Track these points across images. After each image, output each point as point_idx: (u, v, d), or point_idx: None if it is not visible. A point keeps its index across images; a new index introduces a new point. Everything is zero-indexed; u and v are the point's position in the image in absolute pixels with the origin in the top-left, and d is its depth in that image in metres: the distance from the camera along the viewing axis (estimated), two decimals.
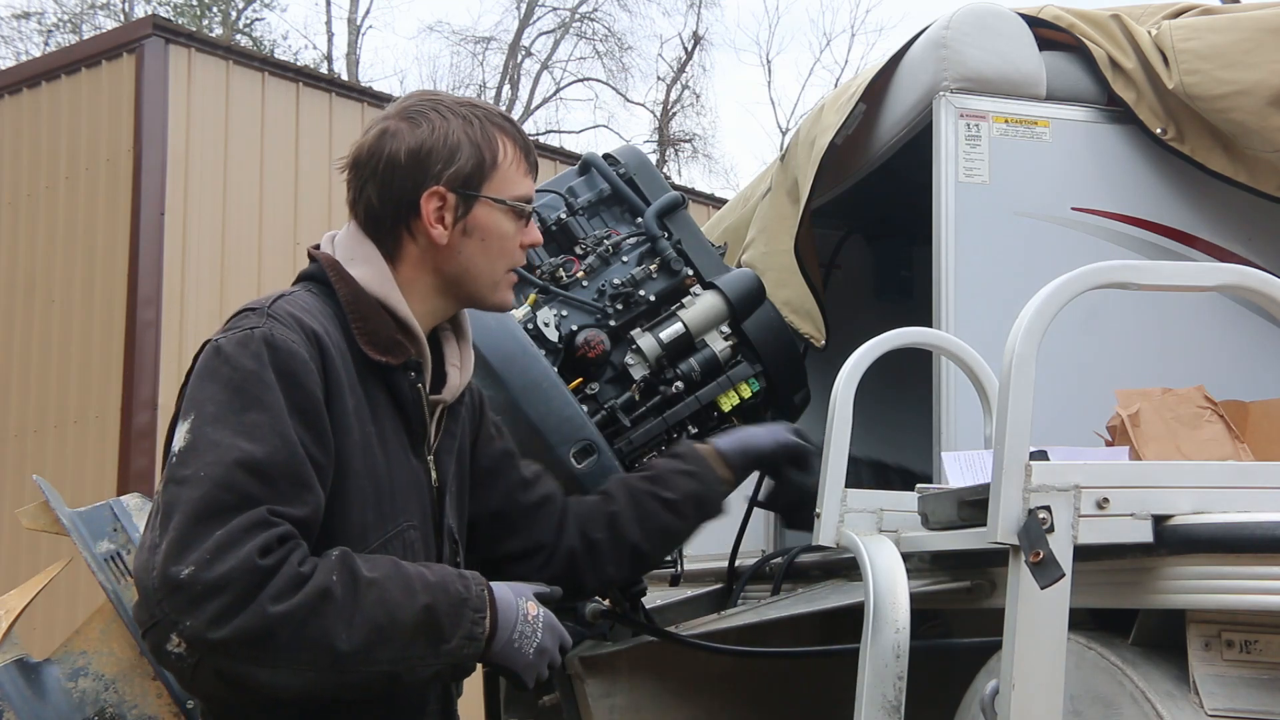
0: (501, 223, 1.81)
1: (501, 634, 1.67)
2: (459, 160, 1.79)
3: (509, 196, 1.81)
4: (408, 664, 1.59)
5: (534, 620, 1.71)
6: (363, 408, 1.72)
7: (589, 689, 2.86)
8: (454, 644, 1.62)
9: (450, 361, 1.88)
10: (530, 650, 1.70)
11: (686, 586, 3.43)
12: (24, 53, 20.35)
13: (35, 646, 2.93)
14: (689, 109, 24.50)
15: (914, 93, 3.19)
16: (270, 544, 1.52)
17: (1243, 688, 1.78)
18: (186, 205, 7.34)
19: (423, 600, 1.60)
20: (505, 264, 1.85)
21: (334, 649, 1.53)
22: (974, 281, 3.01)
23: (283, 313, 1.69)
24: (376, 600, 1.57)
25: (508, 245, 1.83)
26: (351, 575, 1.57)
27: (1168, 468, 1.95)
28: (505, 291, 1.87)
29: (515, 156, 1.83)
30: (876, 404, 2.89)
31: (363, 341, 1.74)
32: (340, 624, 1.54)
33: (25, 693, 2.85)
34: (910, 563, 2.32)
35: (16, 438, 7.50)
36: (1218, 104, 2.99)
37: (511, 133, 1.84)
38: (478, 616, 1.64)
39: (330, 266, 1.80)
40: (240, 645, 1.50)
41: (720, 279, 2.75)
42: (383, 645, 1.56)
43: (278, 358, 1.62)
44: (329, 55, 22.33)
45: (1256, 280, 1.92)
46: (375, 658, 1.56)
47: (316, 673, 1.53)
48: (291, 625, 1.51)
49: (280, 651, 1.51)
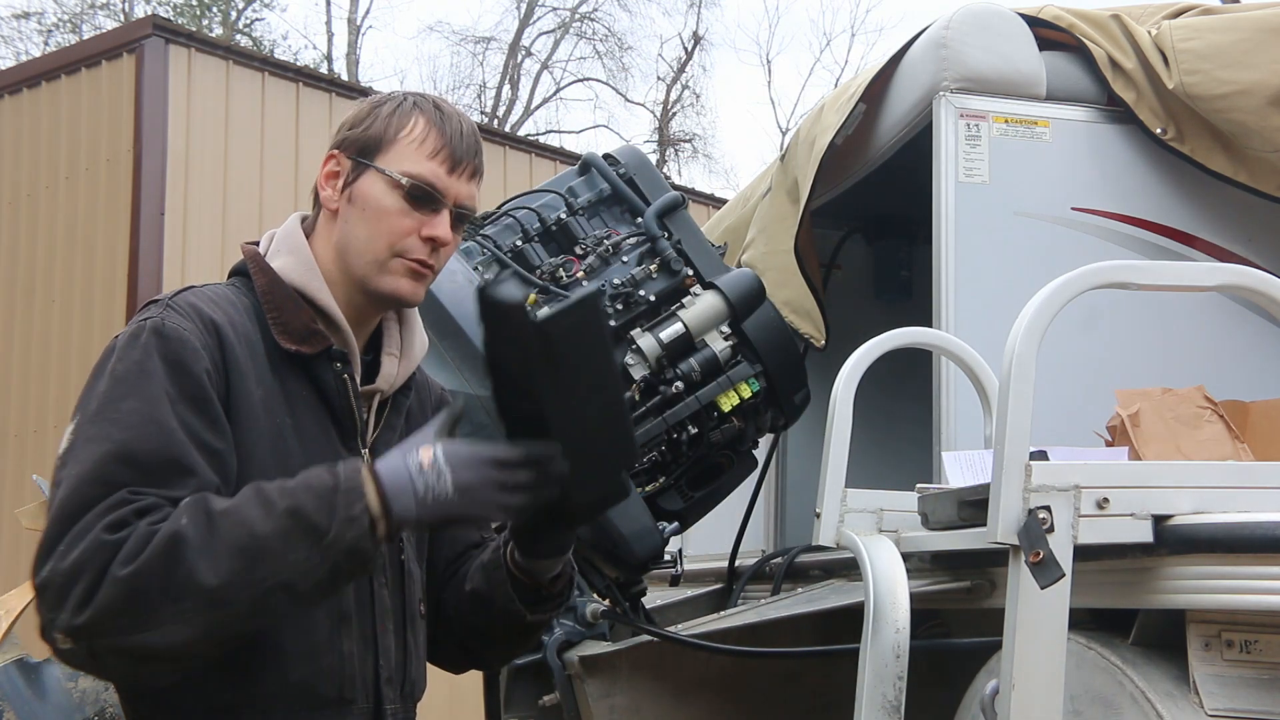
0: (384, 195, 1.74)
1: (398, 501, 1.55)
2: (360, 127, 1.78)
3: (400, 170, 1.74)
4: (294, 571, 1.51)
5: (433, 466, 1.56)
6: (275, 399, 1.69)
7: (589, 689, 2.86)
8: (334, 533, 1.52)
9: (387, 350, 1.83)
10: (449, 495, 1.55)
11: (686, 586, 3.44)
12: (24, 53, 20.35)
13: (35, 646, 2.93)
14: (689, 109, 24.52)
15: (914, 93, 3.19)
16: (123, 519, 1.50)
17: (1243, 688, 1.78)
18: (186, 205, 7.33)
19: (283, 505, 1.52)
20: (386, 243, 1.75)
21: (203, 586, 1.47)
22: (974, 281, 3.01)
23: (183, 303, 1.68)
24: (233, 524, 1.50)
25: (389, 223, 1.74)
26: (204, 512, 1.51)
27: (1168, 468, 1.95)
28: (394, 278, 1.75)
29: (423, 136, 1.76)
30: (876, 404, 2.89)
31: (276, 331, 1.72)
32: (201, 560, 1.48)
33: (25, 692, 2.85)
34: (910, 563, 2.33)
35: (16, 438, 7.49)
36: (1218, 104, 2.99)
37: (433, 117, 1.77)
38: (351, 498, 1.54)
39: (252, 259, 1.80)
40: (111, 618, 1.47)
41: (720, 279, 2.75)
42: (256, 564, 1.49)
43: (166, 345, 1.61)
44: (329, 55, 22.33)
45: (1256, 280, 1.92)
46: (253, 579, 1.49)
47: (203, 615, 1.48)
48: (150, 580, 1.47)
49: (154, 610, 1.47)
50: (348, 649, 1.70)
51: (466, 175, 1.79)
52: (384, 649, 1.76)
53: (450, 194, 1.77)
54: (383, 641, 1.76)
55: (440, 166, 1.76)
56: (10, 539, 7.20)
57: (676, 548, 3.03)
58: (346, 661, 1.70)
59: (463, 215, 1.80)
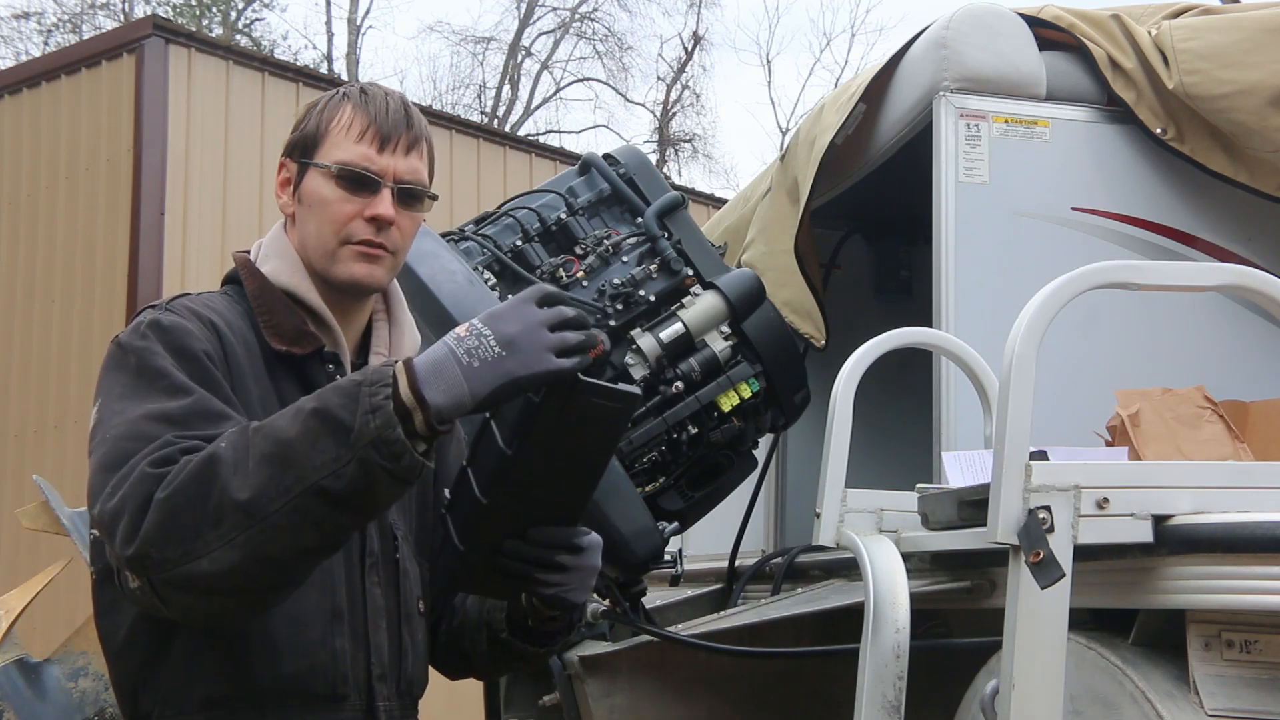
0: (321, 187, 1.76)
1: (435, 382, 1.47)
2: (299, 129, 1.80)
3: (331, 160, 1.75)
4: (323, 472, 1.45)
5: (471, 329, 1.49)
6: (270, 399, 1.70)
7: (589, 689, 2.86)
8: (358, 425, 1.46)
9: (375, 350, 1.84)
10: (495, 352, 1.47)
11: (686, 586, 3.43)
12: (24, 53, 20.36)
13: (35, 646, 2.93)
14: (689, 109, 24.52)
15: (914, 93, 3.19)
16: (168, 456, 1.50)
17: (1243, 688, 1.78)
18: (186, 205, 7.33)
19: (309, 407, 1.49)
20: (332, 231, 1.75)
21: (237, 501, 1.45)
22: (974, 281, 3.01)
23: (179, 306, 1.71)
24: (263, 437, 1.49)
25: (330, 211, 1.75)
26: (242, 432, 1.51)
27: (1168, 468, 1.95)
28: (347, 264, 1.75)
29: (350, 122, 1.76)
30: (876, 404, 2.89)
31: (268, 333, 1.74)
32: (233, 476, 1.46)
33: (25, 692, 2.85)
34: (910, 563, 2.33)
35: (16, 438, 7.50)
36: (1218, 104, 2.99)
37: (358, 102, 1.77)
38: (377, 388, 1.47)
39: (242, 266, 1.83)
40: (155, 547, 1.46)
41: (720, 279, 2.75)
42: (283, 471, 1.46)
43: (168, 336, 1.64)
44: (329, 55, 22.33)
45: (1256, 280, 1.92)
46: (283, 486, 1.46)
47: (244, 533, 1.45)
48: (186, 502, 1.46)
49: (194, 534, 1.45)
50: (339, 646, 1.70)
51: (401, 150, 1.76)
52: (376, 646, 1.75)
53: (387, 172, 1.75)
54: (375, 639, 1.75)
55: (369, 147, 1.75)
56: (10, 539, 7.20)
57: (676, 548, 3.03)
58: (338, 658, 1.70)
59: (409, 191, 1.77)
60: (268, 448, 1.49)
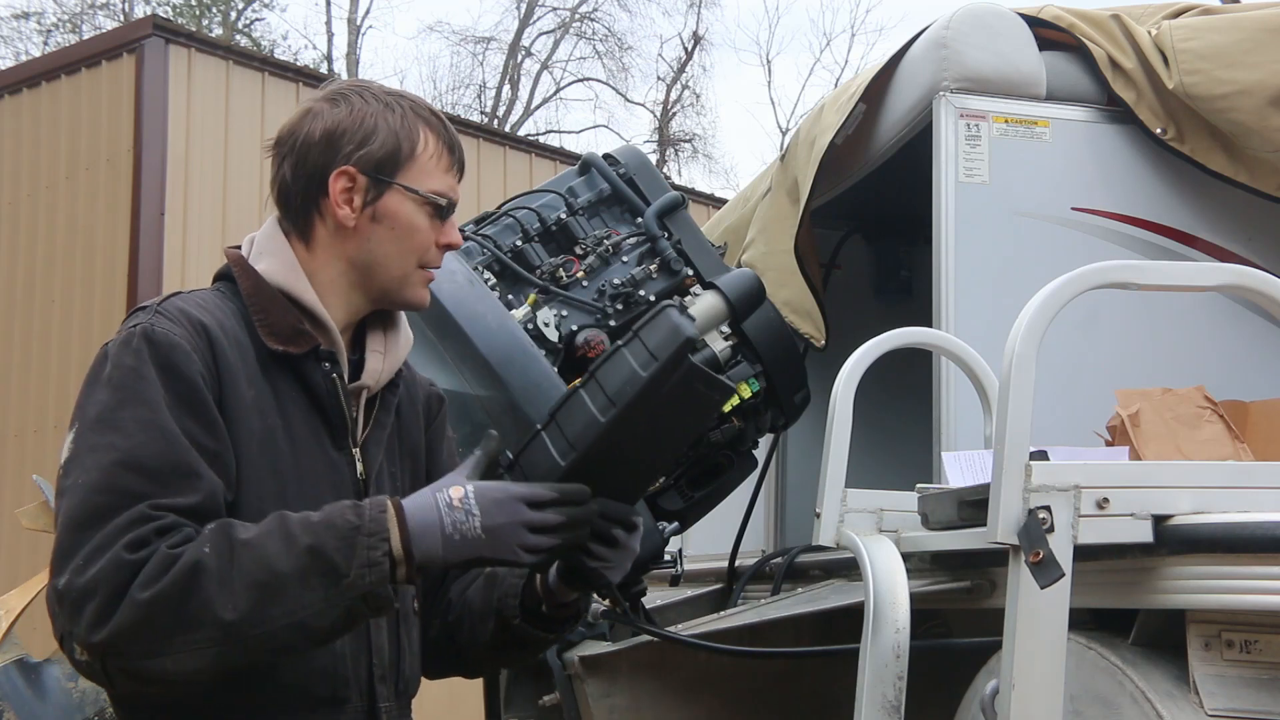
0: (414, 214, 1.78)
1: (423, 542, 1.56)
2: (372, 143, 1.77)
3: (424, 188, 1.77)
4: (308, 611, 1.52)
5: (464, 502, 1.58)
6: (266, 400, 1.69)
7: (589, 689, 2.86)
8: (353, 576, 1.52)
9: (372, 348, 1.84)
10: (477, 534, 1.57)
11: (686, 586, 3.44)
12: (24, 53, 20.35)
13: (35, 646, 2.93)
14: (689, 109, 24.51)
15: (914, 93, 3.19)
16: (144, 538, 1.50)
17: (1243, 688, 1.78)
18: (186, 205, 7.33)
19: (304, 543, 1.53)
20: (415, 259, 1.79)
21: (220, 620, 1.49)
22: (974, 281, 3.01)
23: (171, 308, 1.69)
24: (254, 559, 1.51)
25: (419, 239, 1.79)
26: (226, 541, 1.52)
27: (1168, 468, 1.95)
28: (418, 289, 1.82)
29: (437, 150, 1.79)
30: (876, 404, 2.89)
31: (263, 333, 1.72)
32: (220, 592, 1.49)
33: (25, 692, 2.86)
34: (910, 563, 2.33)
35: (16, 438, 7.49)
36: (1218, 104, 2.99)
37: (436, 126, 1.81)
38: (374, 540, 1.54)
39: (236, 263, 1.81)
40: (125, 641, 1.48)
41: (720, 279, 2.75)
42: (272, 601, 1.50)
43: (157, 351, 1.62)
44: (329, 55, 22.33)
45: (1256, 280, 1.92)
46: (269, 615, 1.50)
47: (217, 648, 1.49)
48: (166, 607, 1.48)
49: (167, 637, 1.48)
50: (340, 648, 1.70)
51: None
52: (377, 647, 1.75)
53: (458, 199, 1.84)
54: (376, 640, 1.75)
55: (454, 178, 1.82)
56: (10, 539, 7.20)
57: (676, 548, 3.03)
58: (340, 661, 1.70)
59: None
60: (258, 575, 1.51)
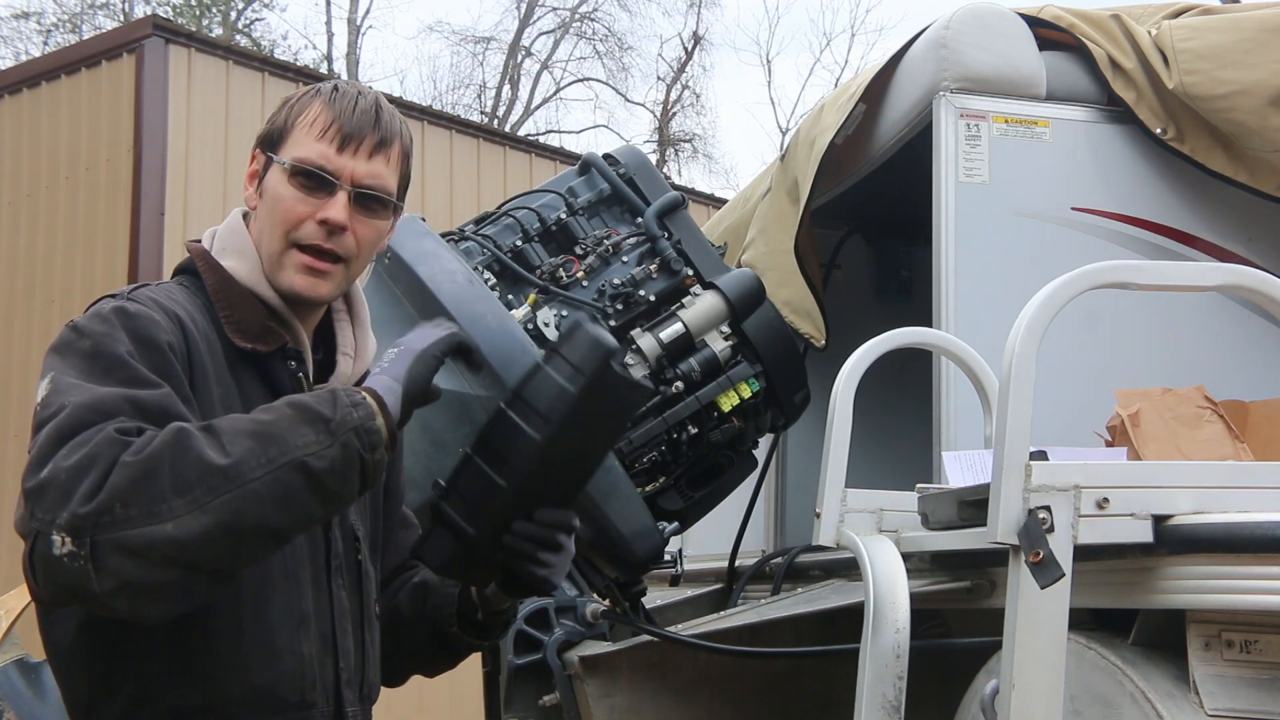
0: (279, 185, 1.69)
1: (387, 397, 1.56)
2: (271, 122, 1.74)
3: (290, 157, 1.69)
4: (306, 451, 1.46)
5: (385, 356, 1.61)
6: (232, 398, 1.66)
7: (589, 689, 2.86)
8: (339, 416, 1.49)
9: (342, 350, 1.80)
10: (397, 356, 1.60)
11: (686, 586, 3.44)
12: (24, 53, 20.35)
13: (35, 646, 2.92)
14: (689, 109, 24.50)
15: (914, 93, 3.19)
16: (137, 428, 1.45)
17: (1243, 688, 1.79)
18: (186, 205, 7.33)
19: (282, 401, 1.52)
20: (282, 232, 1.69)
21: (214, 465, 1.42)
22: (974, 281, 3.02)
23: (141, 296, 1.65)
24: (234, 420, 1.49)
25: (281, 210, 1.68)
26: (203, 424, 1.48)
27: (1168, 468, 1.96)
28: (291, 272, 1.69)
29: (315, 119, 1.69)
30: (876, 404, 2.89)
31: (230, 330, 1.69)
32: (210, 446, 1.43)
33: (25, 693, 2.86)
34: (910, 563, 2.33)
35: (17, 438, 7.49)
36: (1218, 104, 2.99)
37: (328, 98, 1.71)
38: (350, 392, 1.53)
39: (200, 257, 1.76)
40: (122, 504, 1.38)
41: (720, 279, 2.75)
42: (265, 444, 1.45)
43: (132, 323, 1.58)
44: (329, 55, 22.32)
45: (1256, 280, 1.92)
46: (267, 456, 1.44)
47: (221, 498, 1.41)
48: (160, 464, 1.40)
49: (165, 497, 1.39)
50: (307, 651, 1.67)
51: (364, 152, 1.69)
52: (343, 651, 1.73)
53: (344, 173, 1.68)
54: (342, 643, 1.73)
55: (329, 145, 1.69)
56: (10, 539, 7.20)
57: (676, 548, 3.03)
58: (306, 664, 1.67)
59: (368, 195, 1.70)
60: (244, 426, 1.47)
